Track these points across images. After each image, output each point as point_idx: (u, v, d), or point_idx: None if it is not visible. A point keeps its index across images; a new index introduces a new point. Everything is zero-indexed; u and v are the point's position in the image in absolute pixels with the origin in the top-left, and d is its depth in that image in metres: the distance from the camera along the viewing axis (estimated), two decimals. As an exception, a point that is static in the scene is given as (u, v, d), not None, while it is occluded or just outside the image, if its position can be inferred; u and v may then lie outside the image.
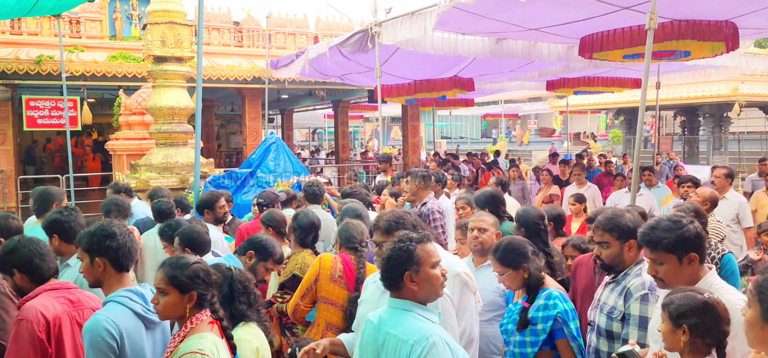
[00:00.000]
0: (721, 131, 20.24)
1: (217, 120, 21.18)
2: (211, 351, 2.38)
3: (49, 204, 4.71)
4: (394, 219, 3.22)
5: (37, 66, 11.45)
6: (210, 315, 2.55)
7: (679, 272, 2.46)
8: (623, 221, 2.97)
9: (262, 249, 3.62)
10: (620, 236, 2.96)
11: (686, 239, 2.43)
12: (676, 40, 6.53)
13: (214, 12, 14.86)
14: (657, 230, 2.47)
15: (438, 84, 10.92)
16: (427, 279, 2.42)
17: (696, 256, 2.45)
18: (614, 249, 2.97)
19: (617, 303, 2.95)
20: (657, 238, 2.46)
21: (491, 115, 33.10)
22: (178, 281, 2.48)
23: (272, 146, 8.24)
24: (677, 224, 2.45)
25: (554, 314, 2.98)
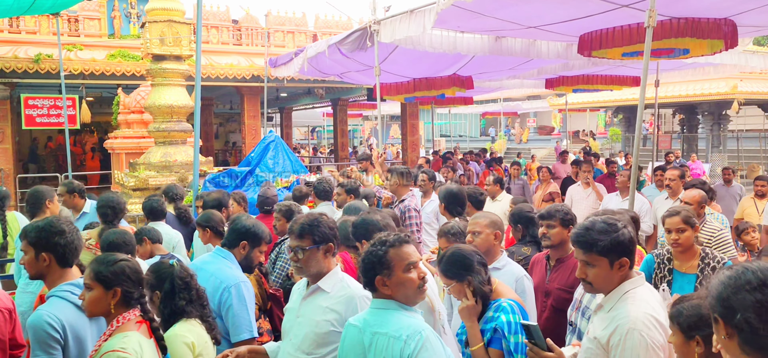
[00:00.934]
0: (720, 129, 20.25)
1: (216, 118, 21.17)
2: (134, 350, 2.36)
3: (41, 203, 4.82)
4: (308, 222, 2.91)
5: (35, 64, 11.43)
6: (139, 315, 2.54)
7: (609, 276, 2.42)
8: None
9: (252, 236, 3.54)
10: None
11: (620, 243, 2.39)
12: (675, 37, 6.53)
13: (213, 10, 14.85)
14: (592, 232, 2.42)
15: (437, 82, 10.93)
16: (400, 283, 2.37)
17: (627, 261, 2.42)
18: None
19: (591, 300, 2.96)
20: (592, 240, 2.41)
21: (490, 114, 33.09)
22: (102, 276, 2.50)
23: (271, 145, 8.23)
24: (612, 226, 2.41)
25: (493, 326, 2.81)
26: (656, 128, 13.41)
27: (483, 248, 3.31)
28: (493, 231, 3.45)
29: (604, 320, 2.42)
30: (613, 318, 2.38)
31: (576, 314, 3.08)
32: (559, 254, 3.64)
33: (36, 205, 4.83)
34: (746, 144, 21.75)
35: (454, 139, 34.34)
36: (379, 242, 2.45)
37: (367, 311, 2.47)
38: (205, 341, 2.82)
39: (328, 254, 2.81)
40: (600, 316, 2.48)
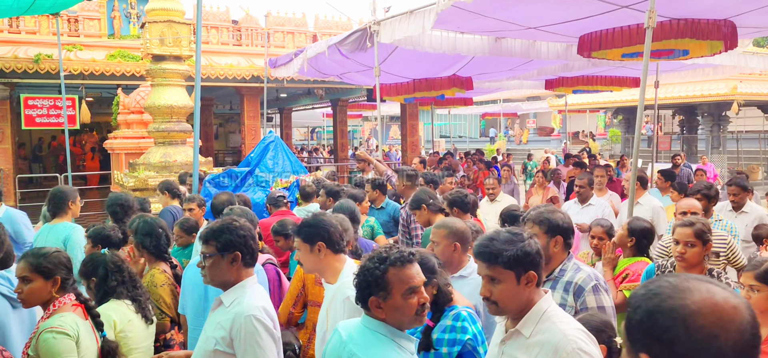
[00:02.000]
0: (720, 130, 20.25)
1: (215, 119, 21.16)
2: (71, 326, 2.63)
3: (64, 203, 4.77)
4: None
5: (35, 65, 11.43)
6: (74, 299, 2.79)
7: (516, 293, 2.12)
8: (553, 216, 2.92)
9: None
10: (548, 230, 2.89)
11: (527, 254, 2.12)
12: (675, 38, 6.53)
13: (213, 10, 14.85)
14: (496, 242, 2.14)
15: (437, 83, 10.93)
16: (396, 308, 2.16)
17: (535, 276, 2.14)
18: (541, 242, 2.78)
19: (565, 300, 2.85)
20: (496, 250, 2.12)
21: (490, 114, 33.09)
22: (42, 267, 2.75)
23: (271, 145, 8.22)
24: (518, 236, 2.16)
25: (464, 340, 2.62)
26: (656, 129, 13.42)
27: (443, 258, 3.11)
28: (453, 242, 3.20)
29: (530, 349, 2.08)
30: (544, 344, 2.05)
31: None
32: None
33: (58, 205, 4.76)
34: (746, 145, 21.75)
35: (454, 140, 34.36)
36: (378, 258, 2.21)
37: (357, 325, 2.27)
38: (129, 319, 3.04)
39: (235, 262, 2.58)
40: (519, 344, 2.12)
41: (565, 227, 2.91)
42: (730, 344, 1.05)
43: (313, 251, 2.82)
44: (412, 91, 11.47)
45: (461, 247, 3.21)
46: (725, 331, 1.06)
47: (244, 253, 2.59)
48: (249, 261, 2.63)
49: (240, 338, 2.42)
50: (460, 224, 3.30)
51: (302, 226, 2.91)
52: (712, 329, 1.06)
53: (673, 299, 1.11)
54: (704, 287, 1.12)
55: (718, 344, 1.05)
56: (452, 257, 3.19)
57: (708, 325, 1.06)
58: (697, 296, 1.10)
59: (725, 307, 1.08)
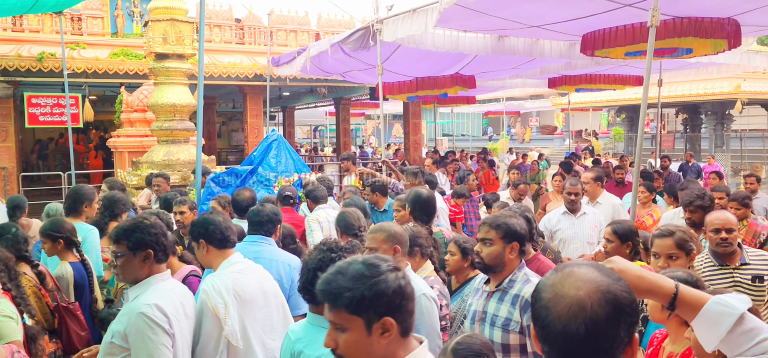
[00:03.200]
0: (723, 129, 20.21)
1: (218, 117, 21.19)
2: (12, 311, 2.84)
3: (79, 204, 4.73)
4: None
5: (38, 63, 11.46)
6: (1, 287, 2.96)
7: (366, 346, 1.59)
8: (510, 221, 2.81)
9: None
10: (505, 236, 2.77)
11: (380, 294, 1.58)
12: (678, 37, 6.52)
13: (216, 9, 14.87)
14: (341, 278, 1.62)
15: (439, 81, 10.93)
16: None
17: (392, 323, 1.59)
18: (497, 248, 2.77)
19: (512, 315, 2.70)
20: (336, 289, 1.60)
21: (493, 113, 33.04)
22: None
23: (274, 144, 8.22)
24: (373, 269, 1.62)
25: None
26: (659, 128, 13.39)
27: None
28: (392, 245, 3.07)
29: None
30: None
31: (480, 326, 2.82)
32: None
33: (73, 205, 4.73)
34: (749, 144, 21.69)
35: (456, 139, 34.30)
36: (329, 248, 2.20)
37: (303, 322, 2.25)
38: (6, 314, 2.94)
39: (147, 260, 2.62)
40: None
41: (523, 233, 2.81)
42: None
43: (200, 248, 3.00)
44: (415, 89, 11.47)
45: (401, 251, 3.10)
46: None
47: (155, 250, 2.64)
48: (161, 258, 2.69)
49: (132, 334, 2.49)
50: (398, 228, 3.25)
51: (191, 225, 3.16)
52: None
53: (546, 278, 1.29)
54: None
55: None
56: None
57: None
58: None
59: None
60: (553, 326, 1.17)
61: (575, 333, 1.15)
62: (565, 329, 1.16)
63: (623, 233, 3.68)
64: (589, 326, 1.15)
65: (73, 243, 3.89)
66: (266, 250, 3.66)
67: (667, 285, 1.57)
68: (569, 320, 1.16)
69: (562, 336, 1.16)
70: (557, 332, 1.17)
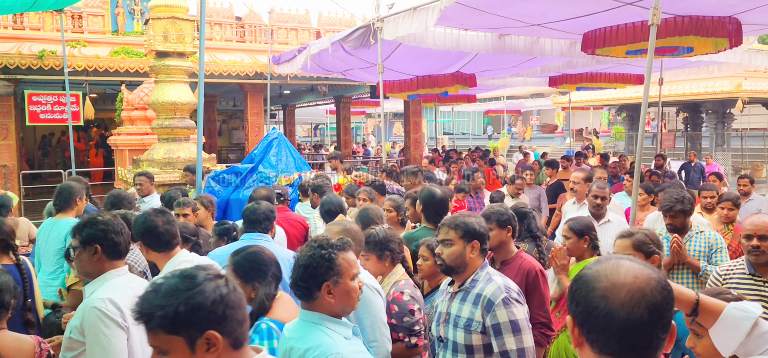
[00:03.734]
0: (724, 128, 20.18)
1: (219, 115, 21.19)
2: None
3: (71, 199, 4.79)
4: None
5: (39, 61, 11.45)
6: None
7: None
8: (469, 221, 2.78)
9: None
10: (464, 235, 2.74)
11: (198, 308, 1.46)
12: (679, 36, 6.52)
13: (217, 7, 14.87)
14: (154, 295, 1.50)
15: (440, 80, 10.93)
16: (346, 292, 2.22)
17: (217, 337, 1.47)
18: (458, 248, 2.74)
19: (474, 315, 2.66)
20: (149, 310, 1.49)
21: (493, 112, 33.01)
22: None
23: (274, 142, 8.22)
24: (188, 281, 1.50)
25: None
26: (660, 127, 13.39)
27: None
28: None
29: None
30: None
31: (445, 327, 2.79)
32: (502, 256, 3.50)
33: (65, 200, 4.77)
34: (750, 143, 21.67)
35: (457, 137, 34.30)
36: (325, 244, 2.25)
37: (296, 320, 2.31)
38: None
39: (96, 255, 2.66)
40: None
41: (482, 232, 2.78)
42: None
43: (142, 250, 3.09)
44: (416, 88, 11.47)
45: (355, 247, 3.03)
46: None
47: (104, 246, 2.66)
48: (112, 254, 2.69)
49: (87, 328, 2.54)
50: (354, 226, 3.26)
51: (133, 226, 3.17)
52: None
53: (594, 267, 1.34)
54: None
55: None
56: None
57: None
58: None
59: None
60: (616, 313, 1.21)
61: (639, 319, 1.21)
62: (630, 315, 1.21)
63: (579, 230, 3.81)
64: (651, 311, 1.22)
65: (9, 245, 3.74)
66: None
67: (689, 295, 1.73)
68: (633, 307, 1.21)
69: (627, 322, 1.21)
70: (621, 319, 1.21)
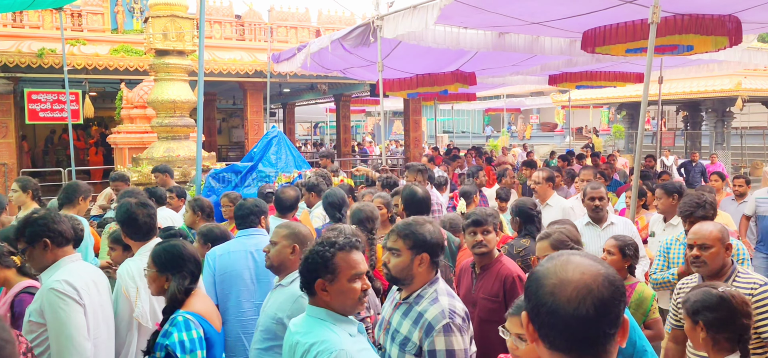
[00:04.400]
0: (724, 126, 20.18)
1: (218, 114, 21.18)
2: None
3: (75, 196, 5.03)
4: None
5: (38, 59, 11.44)
6: None
7: None
8: (420, 231, 2.59)
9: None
10: (413, 247, 2.57)
11: None
12: (679, 34, 6.51)
13: (216, 5, 14.85)
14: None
15: (440, 78, 10.92)
16: (341, 291, 2.22)
17: None
18: (404, 259, 2.57)
19: (412, 334, 2.51)
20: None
21: (493, 110, 33.02)
22: None
23: (274, 140, 8.22)
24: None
25: (165, 344, 2.54)
26: (659, 125, 13.39)
27: (276, 260, 3.04)
28: (291, 244, 3.04)
29: None
30: None
31: (384, 336, 2.68)
32: (484, 261, 3.45)
33: (69, 197, 5.00)
34: (750, 141, 21.68)
35: (457, 136, 34.34)
36: (326, 243, 2.26)
37: (303, 315, 2.33)
38: None
39: (46, 248, 2.88)
40: None
41: (433, 242, 2.60)
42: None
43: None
44: (415, 86, 11.46)
45: (300, 250, 3.00)
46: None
47: (50, 237, 2.89)
48: (61, 241, 2.93)
49: (46, 310, 2.75)
50: (303, 229, 3.22)
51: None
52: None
53: (545, 264, 1.35)
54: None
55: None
56: (287, 259, 3.04)
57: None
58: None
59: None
60: (563, 309, 1.22)
61: (585, 315, 1.21)
62: (576, 311, 1.21)
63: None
64: (598, 307, 1.21)
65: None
66: (262, 240, 3.74)
67: None
68: (579, 303, 1.21)
69: (573, 318, 1.21)
70: (568, 315, 1.21)
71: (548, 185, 5.66)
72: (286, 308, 2.87)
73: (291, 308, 2.84)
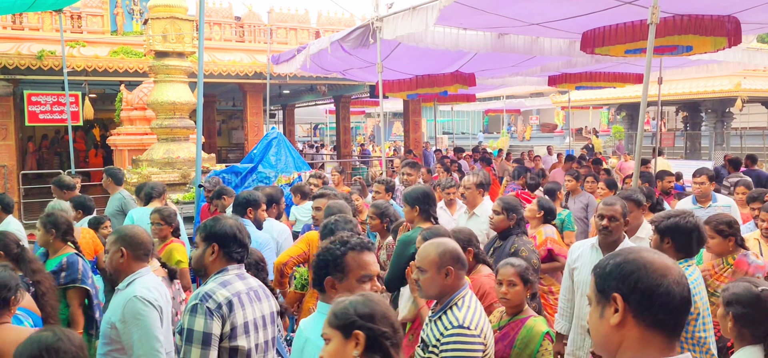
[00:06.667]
0: (724, 127, 20.19)
1: (218, 115, 21.17)
2: None
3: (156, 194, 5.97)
4: None
5: (38, 61, 11.44)
6: None
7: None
8: (211, 225, 2.80)
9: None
10: (206, 238, 2.78)
11: None
12: (678, 34, 6.51)
13: (216, 7, 14.86)
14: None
15: (439, 79, 10.92)
16: (350, 291, 2.19)
17: None
18: (198, 251, 2.81)
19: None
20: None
21: (493, 111, 32.99)
22: None
23: (273, 141, 8.23)
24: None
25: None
26: (659, 126, 13.40)
27: (110, 267, 3.13)
28: (119, 248, 3.10)
29: None
30: None
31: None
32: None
33: (149, 195, 5.95)
34: (749, 142, 21.68)
35: (456, 137, 34.32)
36: (339, 241, 2.28)
37: (315, 313, 2.33)
38: None
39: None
40: None
41: (223, 233, 2.75)
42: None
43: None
44: (415, 87, 11.46)
45: (129, 252, 3.12)
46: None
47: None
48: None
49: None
50: (131, 230, 3.31)
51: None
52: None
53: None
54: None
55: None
56: (119, 263, 3.10)
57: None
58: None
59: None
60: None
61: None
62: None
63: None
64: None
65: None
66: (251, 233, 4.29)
67: None
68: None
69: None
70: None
71: (479, 191, 5.32)
72: (118, 312, 2.94)
73: (122, 312, 2.92)
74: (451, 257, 2.63)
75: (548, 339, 3.07)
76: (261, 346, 2.74)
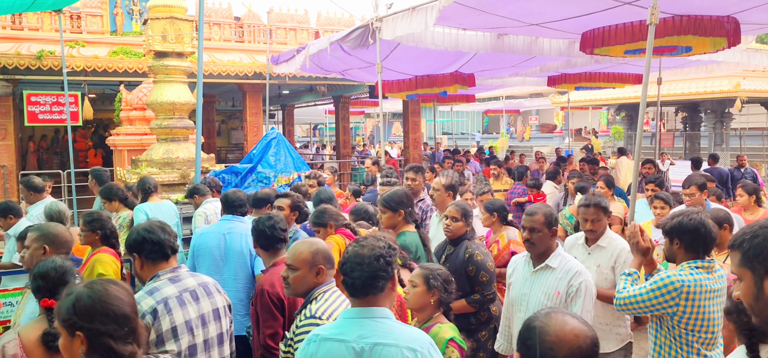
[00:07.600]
0: (723, 127, 20.19)
1: (218, 115, 21.17)
2: None
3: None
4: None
5: (38, 61, 11.43)
6: None
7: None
8: (127, 238, 2.90)
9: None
10: (128, 251, 2.89)
11: None
12: (678, 35, 6.51)
13: (215, 7, 14.86)
14: None
15: (439, 79, 10.93)
16: (394, 289, 2.36)
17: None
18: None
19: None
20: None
21: (492, 111, 33.01)
22: None
23: (273, 142, 8.23)
24: None
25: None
26: (658, 126, 13.40)
27: (27, 264, 3.16)
28: (42, 245, 3.14)
29: None
30: None
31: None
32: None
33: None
34: (749, 142, 21.69)
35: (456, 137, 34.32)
36: (387, 245, 2.29)
37: (346, 321, 2.23)
38: None
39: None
40: None
41: (132, 242, 2.84)
42: None
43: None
44: (415, 87, 11.47)
45: (51, 250, 3.15)
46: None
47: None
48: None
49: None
50: (54, 228, 3.39)
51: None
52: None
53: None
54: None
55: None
56: (40, 260, 3.04)
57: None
58: None
59: None
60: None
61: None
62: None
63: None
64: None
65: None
66: (236, 226, 4.61)
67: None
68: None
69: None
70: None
71: (448, 193, 4.91)
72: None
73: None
74: (323, 257, 2.83)
75: (453, 345, 2.99)
76: (206, 343, 2.84)
